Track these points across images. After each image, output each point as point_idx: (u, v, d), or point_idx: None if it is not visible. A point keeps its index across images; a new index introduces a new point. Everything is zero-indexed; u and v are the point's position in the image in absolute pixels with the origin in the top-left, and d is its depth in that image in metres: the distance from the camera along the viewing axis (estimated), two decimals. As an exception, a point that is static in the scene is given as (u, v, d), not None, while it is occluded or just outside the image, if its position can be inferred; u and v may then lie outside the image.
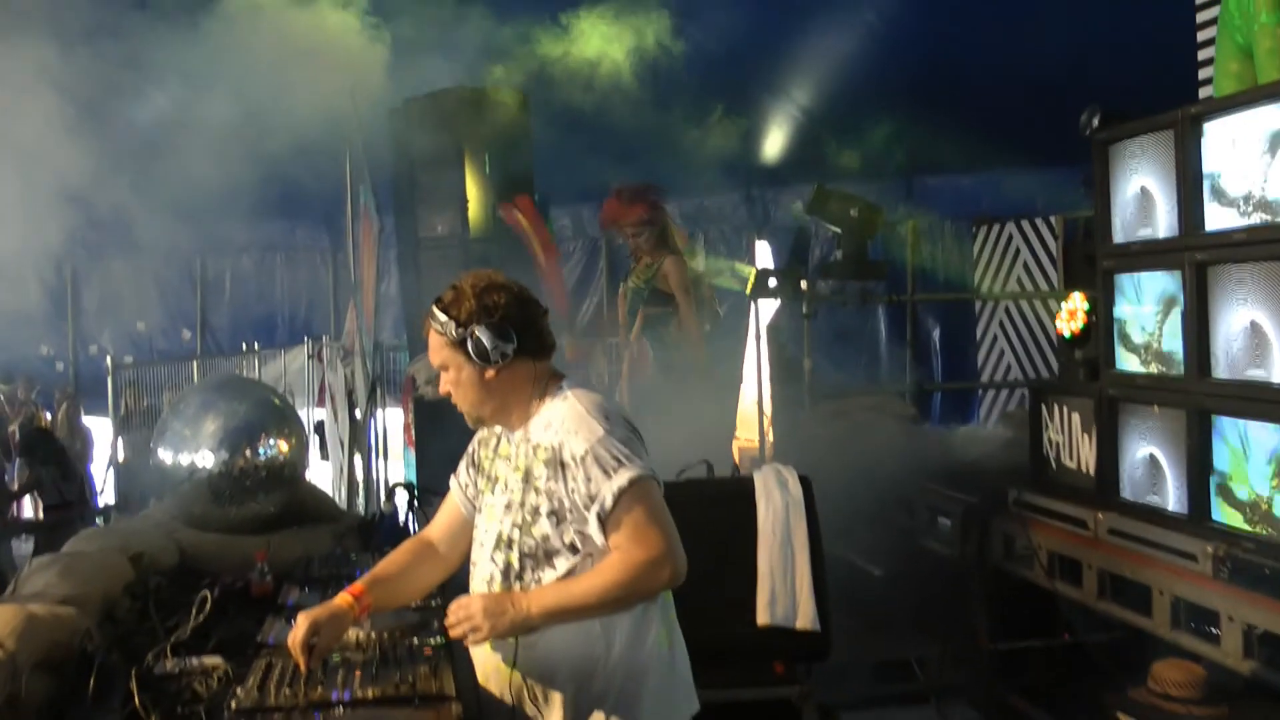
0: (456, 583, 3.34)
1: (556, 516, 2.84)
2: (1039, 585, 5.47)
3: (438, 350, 2.93)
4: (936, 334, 10.72)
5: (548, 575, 2.85)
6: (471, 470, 3.16)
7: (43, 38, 5.87)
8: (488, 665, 2.95)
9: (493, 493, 3.01)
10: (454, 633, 2.83)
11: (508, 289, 2.93)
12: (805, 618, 4.35)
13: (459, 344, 2.87)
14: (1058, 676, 5.77)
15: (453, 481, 3.23)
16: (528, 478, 2.90)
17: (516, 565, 2.89)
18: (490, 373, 2.88)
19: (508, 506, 2.93)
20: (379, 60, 7.30)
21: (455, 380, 2.93)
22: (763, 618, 4.35)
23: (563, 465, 2.83)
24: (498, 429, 3.06)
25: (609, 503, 2.76)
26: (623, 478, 2.77)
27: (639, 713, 2.87)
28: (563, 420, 2.86)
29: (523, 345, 2.89)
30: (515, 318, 2.90)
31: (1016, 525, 5.62)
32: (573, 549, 2.84)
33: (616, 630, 2.86)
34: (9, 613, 2.90)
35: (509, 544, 2.91)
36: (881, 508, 6.74)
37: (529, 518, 2.88)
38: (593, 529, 2.80)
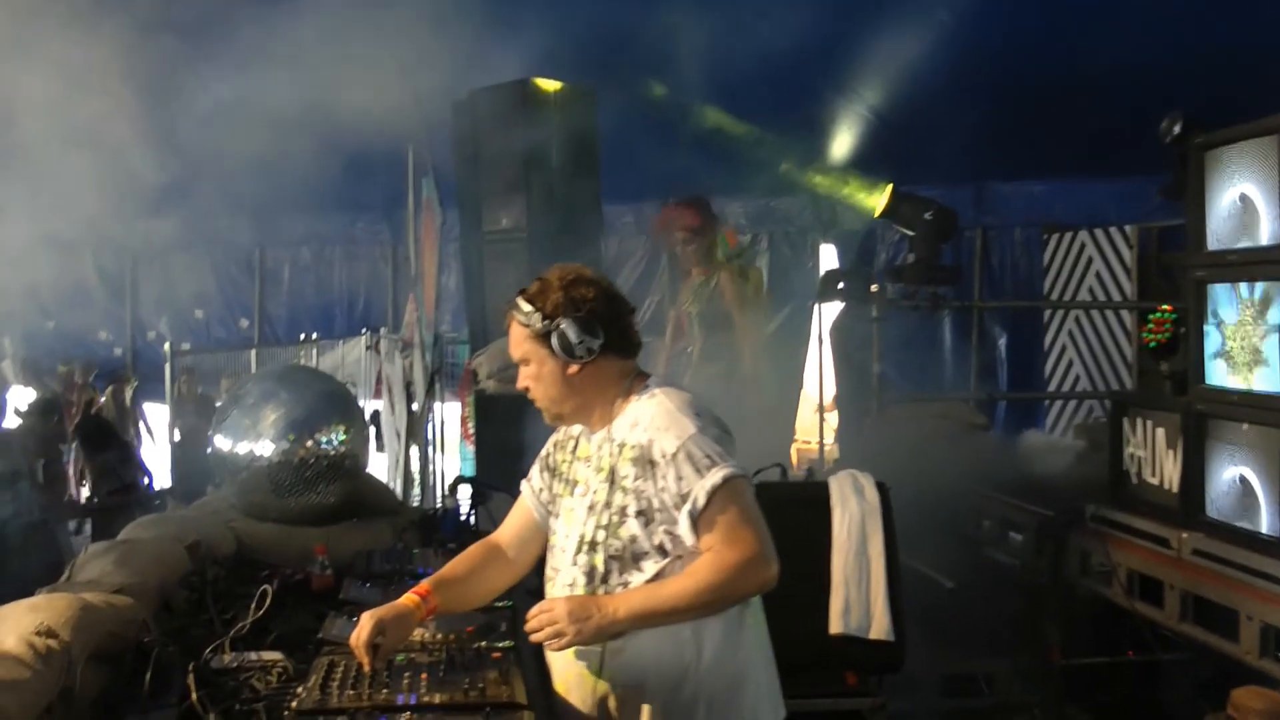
0: (525, 586, 3.22)
1: (645, 517, 2.74)
2: (1113, 603, 5.29)
3: (520, 343, 2.84)
4: (1003, 342, 10.51)
5: (635, 579, 2.74)
6: (545, 474, 3.07)
7: (109, 26, 5.83)
8: (569, 674, 2.83)
9: (572, 495, 2.90)
10: (536, 638, 2.73)
11: (596, 283, 2.84)
12: (879, 628, 4.22)
13: (543, 337, 2.79)
14: (1129, 697, 5.60)
15: (524, 485, 3.14)
16: (613, 478, 2.79)
17: (602, 568, 2.78)
18: (574, 368, 2.80)
19: (591, 508, 2.82)
20: (444, 51, 7.22)
21: (536, 375, 2.84)
22: (836, 626, 4.23)
23: (652, 464, 2.73)
24: (575, 430, 2.98)
25: (701, 501, 2.66)
26: (716, 476, 2.67)
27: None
28: (651, 418, 2.77)
29: (609, 341, 2.81)
30: (603, 313, 2.82)
31: (1094, 541, 5.45)
32: (661, 551, 2.73)
33: (707, 635, 2.75)
34: (64, 602, 2.80)
35: (593, 547, 2.80)
36: (951, 517, 6.59)
37: (615, 519, 2.77)
38: (683, 529, 2.69)
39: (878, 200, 7.92)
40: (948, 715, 5.66)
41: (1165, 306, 5.35)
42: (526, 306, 2.81)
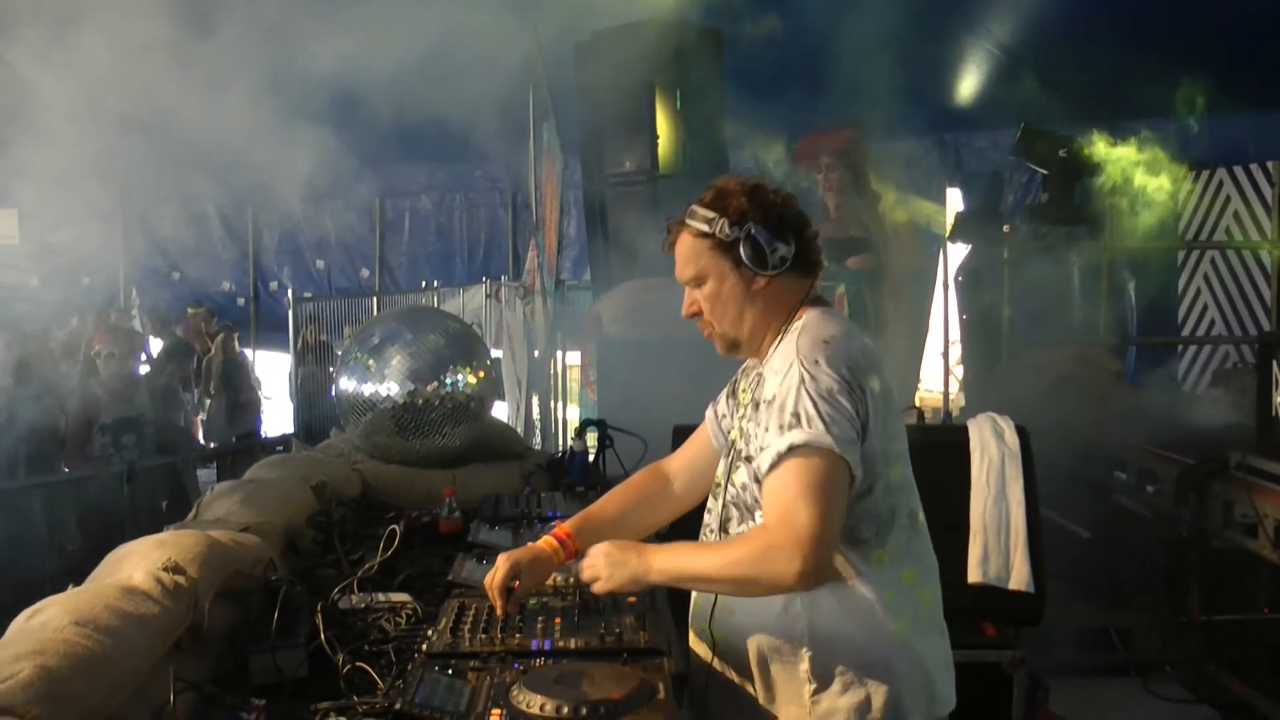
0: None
1: (752, 464, 2.48)
2: (1258, 555, 5.09)
3: (695, 258, 2.56)
4: (1134, 286, 10.17)
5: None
6: (730, 400, 2.80)
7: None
8: (694, 620, 2.69)
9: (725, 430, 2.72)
10: (583, 577, 2.55)
11: (779, 190, 2.57)
12: (1019, 578, 4.06)
13: (729, 246, 2.51)
14: (1275, 653, 5.39)
15: (709, 411, 2.87)
16: (749, 414, 2.57)
17: (721, 513, 2.61)
18: (761, 281, 2.52)
19: (727, 450, 2.65)
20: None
21: (715, 293, 2.56)
22: (974, 575, 4.07)
23: (759, 405, 2.49)
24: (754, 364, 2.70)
25: (766, 465, 2.36)
26: (793, 437, 2.33)
27: (846, 705, 2.48)
28: (784, 352, 2.48)
29: (799, 252, 2.53)
30: (792, 220, 2.53)
31: (1239, 491, 5.24)
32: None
33: (821, 609, 2.47)
34: (191, 539, 2.77)
35: (719, 488, 2.63)
36: (1084, 466, 6.40)
37: (734, 462, 2.57)
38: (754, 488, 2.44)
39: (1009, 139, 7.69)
40: (1082, 670, 5.49)
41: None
42: (709, 213, 2.52)
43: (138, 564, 2.56)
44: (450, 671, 2.41)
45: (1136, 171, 8.44)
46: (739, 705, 2.60)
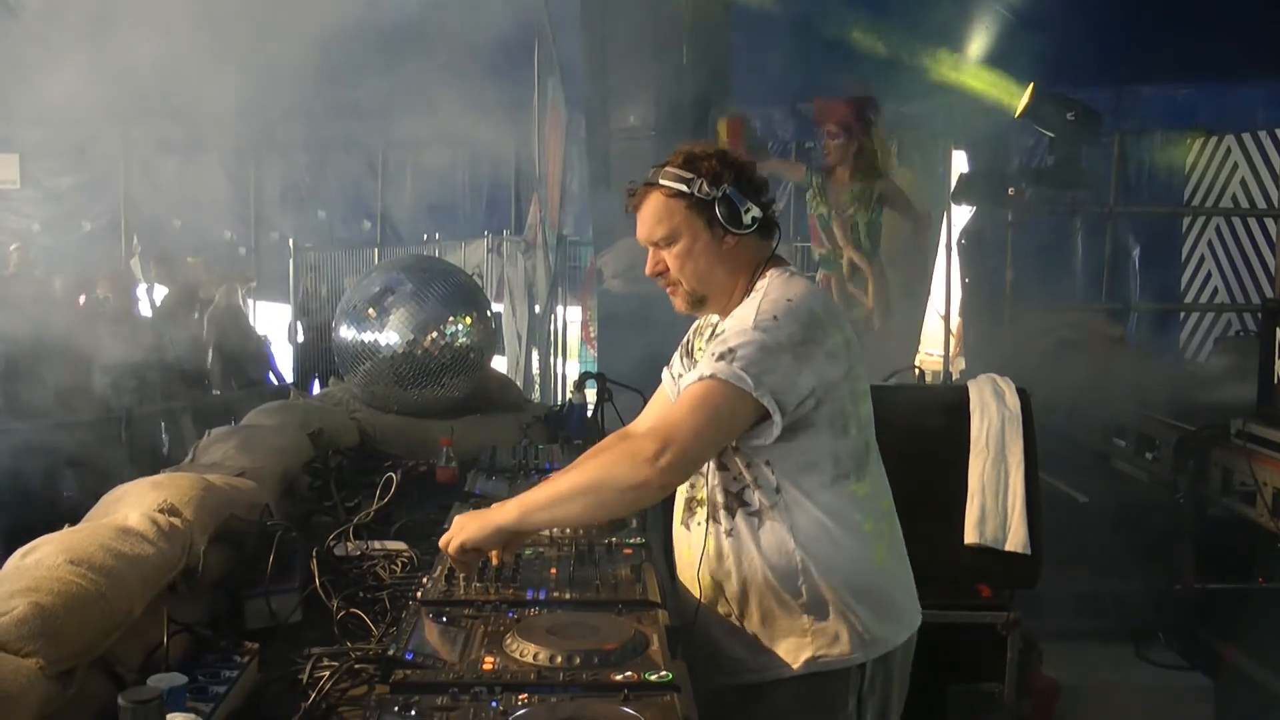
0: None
1: None
2: (1256, 523, 5.09)
3: (667, 216, 2.65)
4: (1138, 252, 10.12)
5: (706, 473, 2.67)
6: (686, 360, 2.93)
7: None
8: (682, 561, 2.80)
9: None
10: (441, 541, 2.60)
11: (740, 155, 2.70)
12: (1016, 540, 4.06)
13: (703, 206, 2.62)
14: (1269, 623, 5.39)
15: (665, 372, 3.02)
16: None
17: None
18: (731, 240, 2.64)
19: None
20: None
21: (687, 250, 2.66)
22: (970, 536, 4.07)
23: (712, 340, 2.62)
24: (714, 318, 2.81)
25: (683, 387, 2.53)
26: (716, 368, 2.48)
27: (837, 631, 2.64)
28: (748, 304, 2.62)
29: (764, 215, 2.67)
30: (758, 184, 2.68)
31: (1238, 458, 5.22)
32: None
33: (816, 545, 2.62)
34: (186, 482, 2.77)
35: None
36: (1083, 431, 6.39)
37: None
38: None
39: (1017, 101, 7.61)
40: (1076, 634, 5.50)
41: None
42: (685, 173, 2.63)
43: (133, 505, 2.56)
44: (444, 619, 2.41)
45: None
46: (734, 643, 2.70)
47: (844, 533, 2.64)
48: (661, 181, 2.66)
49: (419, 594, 2.59)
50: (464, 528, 2.55)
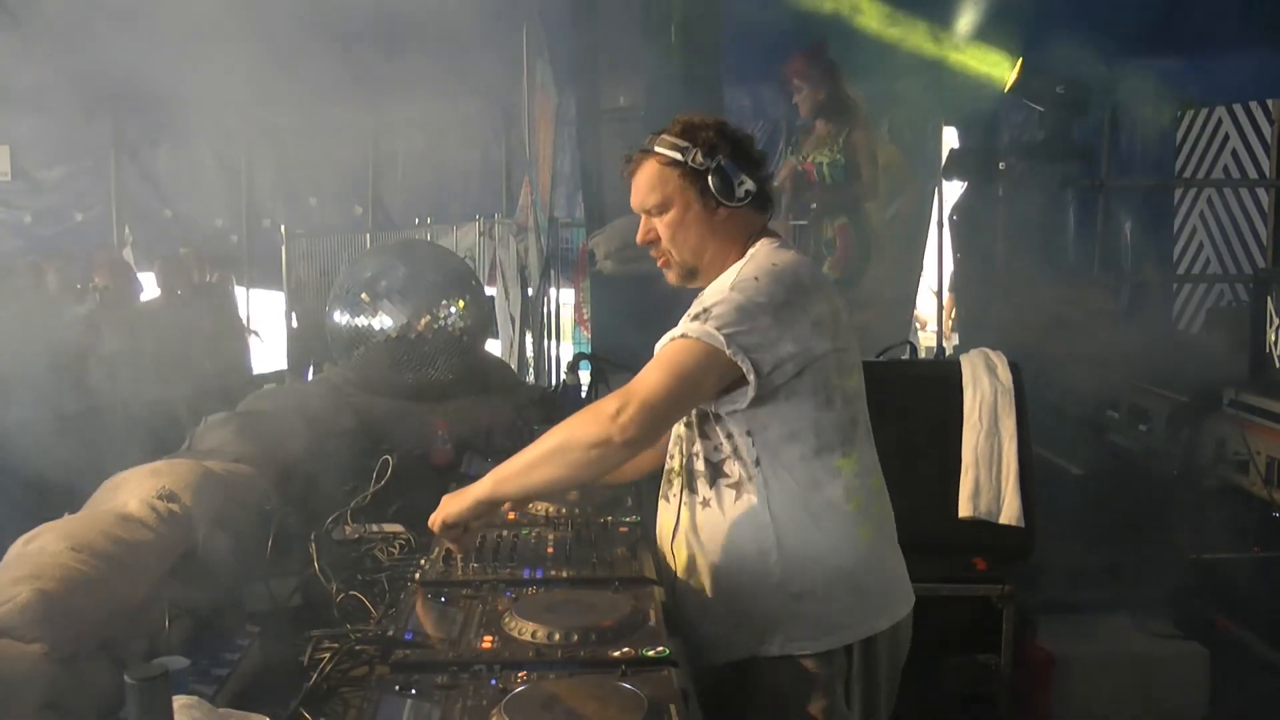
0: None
1: None
2: (1249, 492, 5.11)
3: (661, 184, 2.64)
4: (1129, 225, 10.13)
5: (702, 447, 2.67)
6: None
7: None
8: (659, 530, 2.80)
9: None
10: (430, 521, 2.63)
11: (740, 128, 2.70)
12: (1010, 513, 4.09)
13: (697, 175, 2.60)
14: (1264, 591, 5.42)
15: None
16: None
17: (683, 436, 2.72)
18: (723, 213, 2.63)
19: None
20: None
21: (678, 219, 2.65)
22: (964, 510, 4.11)
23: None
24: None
25: (658, 347, 2.53)
26: (689, 327, 2.48)
27: (812, 613, 2.60)
28: (725, 274, 2.63)
29: (758, 190, 2.65)
30: (755, 157, 2.67)
31: (1231, 428, 5.25)
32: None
33: (787, 519, 2.58)
34: (185, 468, 2.80)
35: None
36: (1077, 404, 6.41)
37: None
38: None
39: (1006, 76, 7.62)
40: (1073, 607, 5.52)
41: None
42: (681, 141, 2.61)
43: (132, 491, 2.58)
44: (443, 599, 2.43)
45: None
46: (706, 621, 2.67)
47: (825, 509, 2.60)
48: (657, 149, 2.64)
49: (417, 575, 2.62)
50: (445, 505, 2.58)
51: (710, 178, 2.60)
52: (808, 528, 2.58)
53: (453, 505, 2.57)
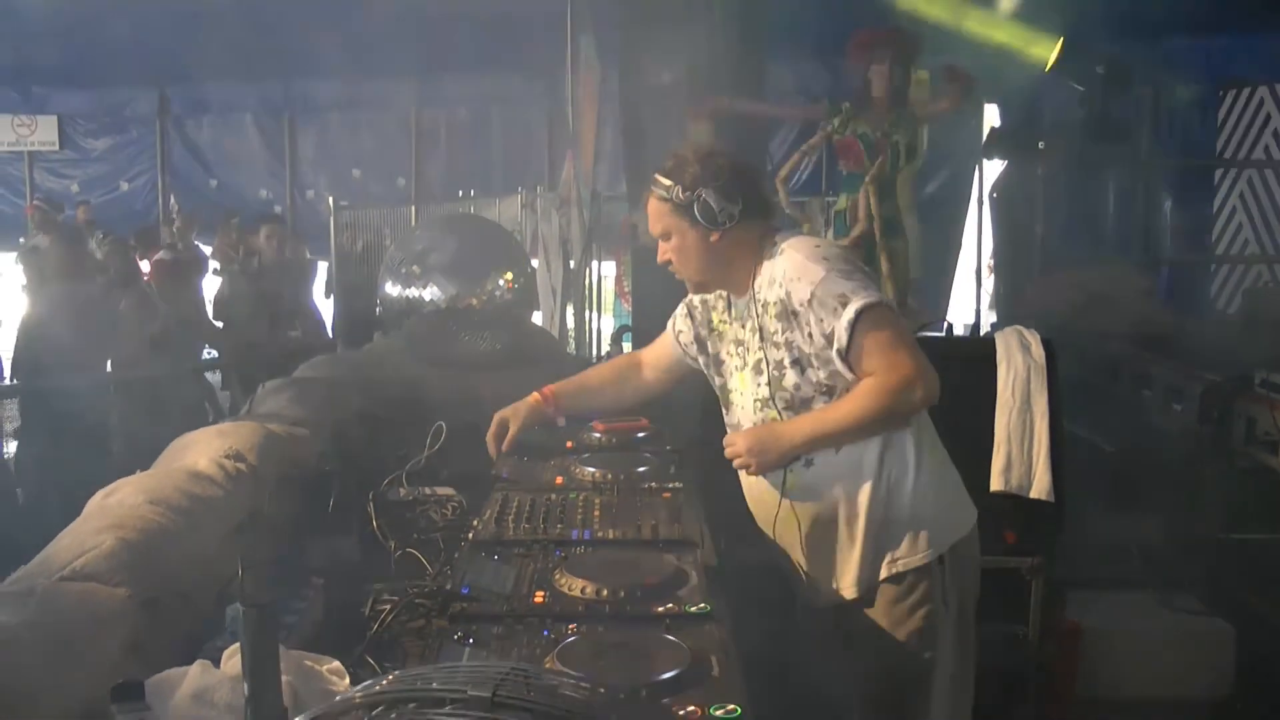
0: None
1: (800, 365, 2.88)
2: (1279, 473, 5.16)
3: (660, 218, 2.96)
4: (1169, 205, 10.12)
5: None
6: (688, 320, 3.23)
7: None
8: (756, 489, 3.05)
9: (737, 357, 3.05)
10: (735, 464, 2.94)
11: (727, 154, 2.98)
12: (1040, 487, 4.18)
13: (684, 208, 2.90)
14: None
15: (669, 323, 3.32)
16: (764, 335, 2.93)
17: (780, 419, 2.93)
18: (715, 236, 2.91)
19: (756, 369, 2.97)
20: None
21: (679, 247, 2.96)
22: (996, 484, 4.20)
23: (794, 314, 2.85)
24: (723, 294, 3.10)
25: (844, 338, 2.76)
26: (850, 310, 2.76)
27: (917, 536, 2.94)
28: (784, 271, 2.88)
29: (747, 206, 2.92)
30: (740, 179, 2.93)
31: (1262, 408, 5.29)
32: (827, 390, 2.87)
33: (887, 459, 2.91)
34: (250, 429, 2.94)
35: (768, 402, 2.94)
36: (1111, 382, 6.46)
37: (776, 373, 2.91)
38: (840, 367, 2.82)
39: (1047, 55, 7.63)
40: (1100, 583, 5.60)
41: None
42: (667, 180, 2.92)
43: (201, 451, 2.72)
44: (496, 557, 2.56)
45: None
46: (817, 540, 2.99)
47: (911, 441, 2.93)
48: (653, 187, 2.96)
49: (471, 535, 2.74)
50: (762, 462, 2.90)
51: (695, 210, 2.89)
52: (902, 457, 2.93)
53: (757, 460, 2.89)
